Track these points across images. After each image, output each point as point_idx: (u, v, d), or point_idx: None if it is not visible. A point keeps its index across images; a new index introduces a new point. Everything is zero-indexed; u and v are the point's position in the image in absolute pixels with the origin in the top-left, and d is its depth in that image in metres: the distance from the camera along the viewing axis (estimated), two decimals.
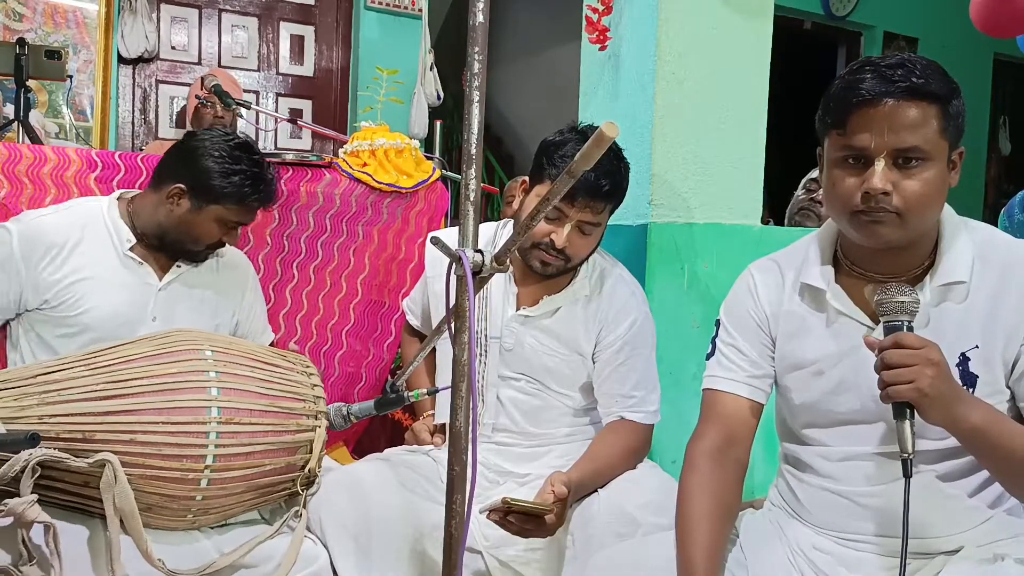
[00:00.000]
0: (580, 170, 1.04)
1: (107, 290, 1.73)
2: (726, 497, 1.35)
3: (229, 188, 1.72)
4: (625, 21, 2.34)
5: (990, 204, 6.52)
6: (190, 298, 1.84)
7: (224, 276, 1.92)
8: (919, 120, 1.19)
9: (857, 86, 1.21)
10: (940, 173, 1.22)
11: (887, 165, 1.20)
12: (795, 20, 5.50)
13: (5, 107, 3.31)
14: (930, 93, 1.19)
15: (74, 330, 1.72)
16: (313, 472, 1.60)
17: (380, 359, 2.37)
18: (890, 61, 1.22)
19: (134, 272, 1.78)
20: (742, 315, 1.44)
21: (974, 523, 1.28)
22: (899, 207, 1.21)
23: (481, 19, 1.17)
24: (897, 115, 1.19)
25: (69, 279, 1.71)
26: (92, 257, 1.74)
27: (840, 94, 1.24)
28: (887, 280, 1.25)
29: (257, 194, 1.77)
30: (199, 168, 1.73)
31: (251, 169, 1.75)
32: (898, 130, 1.19)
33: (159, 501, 1.46)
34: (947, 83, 1.21)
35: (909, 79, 1.19)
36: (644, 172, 2.26)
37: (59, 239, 1.72)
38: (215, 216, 1.75)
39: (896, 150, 1.20)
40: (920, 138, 1.19)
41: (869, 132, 1.21)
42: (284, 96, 5.10)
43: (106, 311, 1.72)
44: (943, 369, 1.15)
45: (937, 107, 1.20)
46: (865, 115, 1.21)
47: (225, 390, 1.51)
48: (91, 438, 1.42)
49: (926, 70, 1.20)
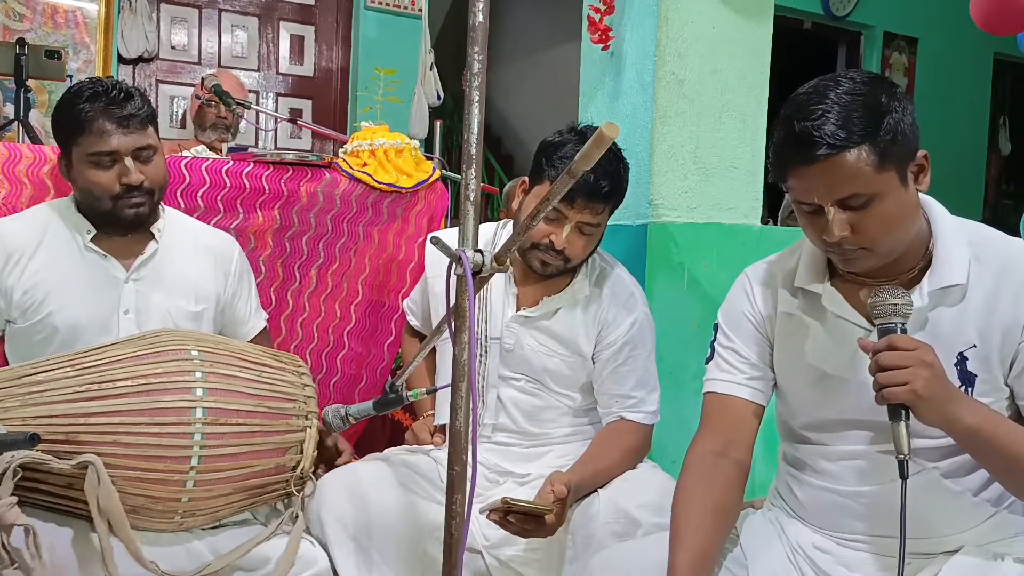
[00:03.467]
0: (580, 171, 1.04)
1: (70, 290, 1.69)
2: (722, 500, 1.34)
3: (70, 122, 1.68)
4: (625, 21, 2.34)
5: (990, 204, 6.53)
6: (164, 285, 1.76)
7: (204, 259, 1.84)
8: (851, 169, 1.16)
9: (786, 147, 1.20)
10: (895, 199, 1.19)
11: (838, 210, 1.19)
12: (795, 20, 5.50)
13: (5, 107, 3.31)
14: (853, 138, 1.15)
15: (44, 334, 1.68)
16: (305, 473, 1.58)
17: (381, 359, 2.37)
18: (813, 108, 1.17)
19: (98, 267, 1.72)
20: (739, 318, 1.44)
21: (977, 521, 1.28)
22: (864, 244, 1.21)
23: (481, 19, 1.16)
24: (828, 171, 1.17)
25: (31, 283, 1.68)
26: (54, 258, 1.70)
27: (776, 151, 1.23)
28: (882, 283, 1.25)
29: (93, 107, 1.66)
30: (55, 126, 1.71)
31: (89, 93, 1.68)
32: (833, 184, 1.18)
33: (144, 503, 1.44)
34: (872, 111, 1.16)
35: (830, 134, 1.15)
36: (644, 172, 2.26)
37: (19, 244, 1.69)
38: (82, 158, 1.67)
39: (839, 200, 1.19)
40: (858, 184, 1.17)
41: (808, 188, 1.20)
42: (284, 96, 5.11)
43: (72, 311, 1.68)
44: (937, 370, 1.16)
45: (866, 146, 1.16)
46: (800, 174, 1.20)
47: (211, 390, 1.50)
48: (74, 439, 1.40)
49: (846, 110, 1.16)
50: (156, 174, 1.73)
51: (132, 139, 1.68)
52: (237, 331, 1.90)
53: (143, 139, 1.70)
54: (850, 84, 1.19)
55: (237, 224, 2.05)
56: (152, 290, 1.75)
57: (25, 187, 1.86)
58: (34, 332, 1.69)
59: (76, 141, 1.67)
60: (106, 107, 1.66)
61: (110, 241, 1.74)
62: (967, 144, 6.04)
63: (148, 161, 1.71)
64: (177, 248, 1.81)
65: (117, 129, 1.66)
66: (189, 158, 2.05)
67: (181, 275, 1.79)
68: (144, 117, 1.71)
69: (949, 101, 5.84)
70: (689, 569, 1.26)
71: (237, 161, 2.08)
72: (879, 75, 1.24)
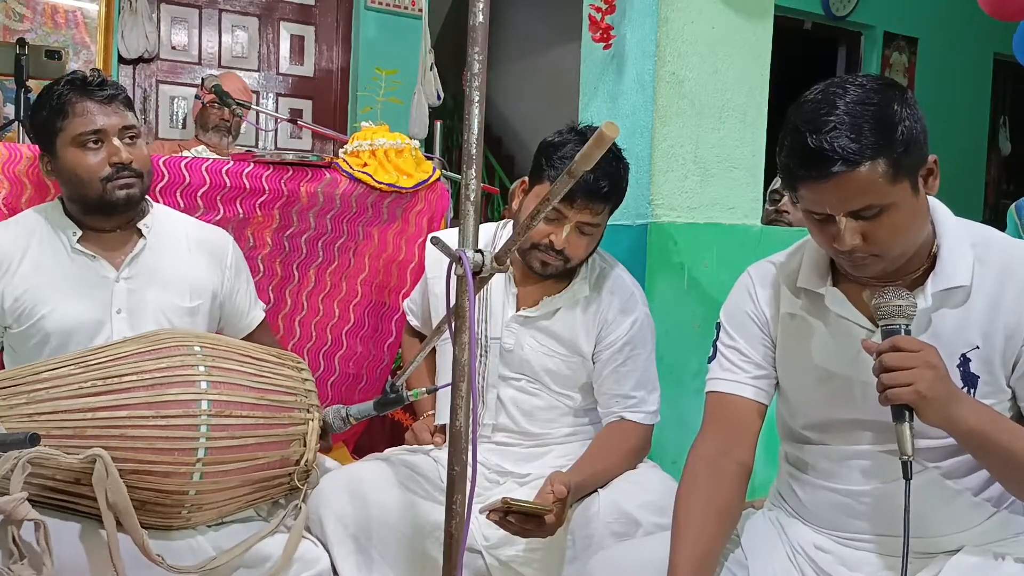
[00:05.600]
0: (580, 171, 1.04)
1: (60, 292, 1.69)
2: (724, 500, 1.34)
3: (50, 111, 1.68)
4: (626, 21, 2.34)
5: (990, 204, 6.52)
6: (156, 282, 1.75)
7: (197, 254, 1.82)
8: (865, 183, 1.15)
9: (798, 161, 1.19)
10: (907, 207, 1.19)
11: (849, 220, 1.19)
12: (795, 20, 5.50)
13: (5, 107, 3.31)
14: (867, 152, 1.14)
15: (38, 338, 1.68)
16: (309, 464, 1.60)
17: (380, 359, 2.37)
18: (825, 120, 1.16)
19: (87, 268, 1.72)
20: (742, 317, 1.44)
21: (978, 520, 1.28)
22: (875, 251, 1.21)
23: (481, 19, 1.17)
24: (842, 186, 1.16)
25: (21, 289, 1.68)
26: (42, 262, 1.70)
27: (786, 163, 1.21)
28: (886, 285, 1.25)
29: (73, 91, 1.67)
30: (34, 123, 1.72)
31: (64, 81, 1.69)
32: (847, 197, 1.17)
33: (152, 497, 1.45)
34: (885, 122, 1.15)
35: (844, 148, 1.14)
36: (644, 172, 2.26)
37: (7, 251, 1.69)
38: (68, 143, 1.67)
39: (852, 211, 1.18)
40: (872, 197, 1.16)
41: (820, 201, 1.19)
42: (284, 96, 5.10)
43: (63, 314, 1.68)
44: (941, 371, 1.16)
45: (881, 159, 1.15)
46: (812, 188, 1.19)
47: (215, 384, 1.51)
48: (81, 434, 1.41)
49: (858, 121, 1.15)
50: (142, 157, 1.74)
51: (117, 119, 1.70)
52: (237, 323, 1.90)
53: (127, 119, 1.71)
54: (859, 92, 1.18)
55: (237, 224, 2.05)
56: (144, 288, 1.74)
57: (25, 187, 1.86)
58: (28, 337, 1.69)
59: (60, 128, 1.68)
60: (85, 88, 1.68)
61: (97, 241, 1.74)
62: (967, 144, 6.03)
63: (133, 143, 1.72)
64: (167, 244, 1.80)
65: (100, 108, 1.68)
66: (189, 158, 2.05)
67: (173, 271, 1.78)
68: (123, 98, 1.73)
69: (949, 101, 5.84)
70: (690, 569, 1.26)
71: (237, 161, 2.08)
72: (888, 80, 1.23)
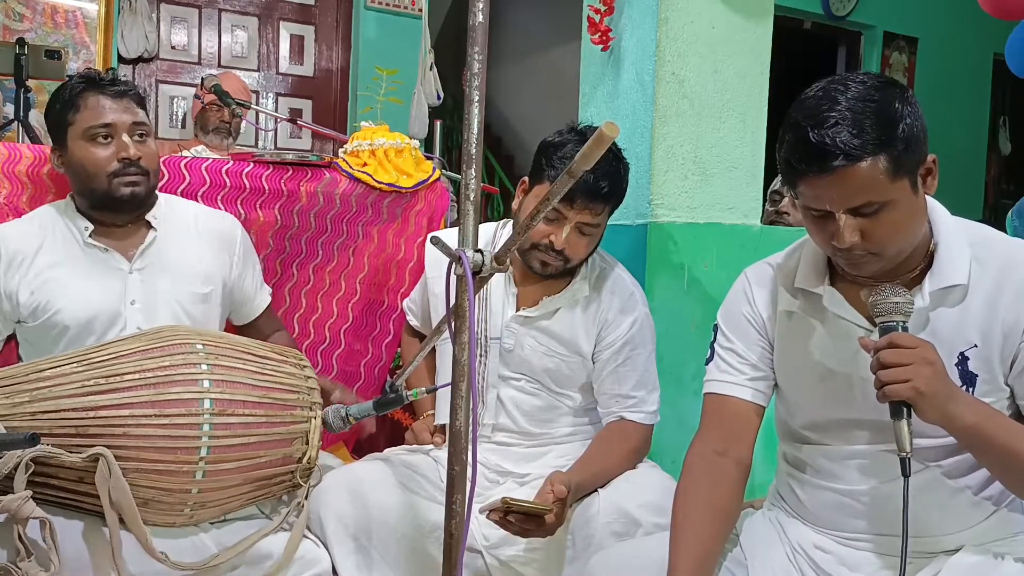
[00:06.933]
0: (580, 171, 1.04)
1: (75, 285, 1.71)
2: (722, 500, 1.35)
3: (63, 104, 1.71)
4: (625, 21, 2.34)
5: (990, 204, 6.52)
6: (168, 272, 1.78)
7: (207, 241, 1.85)
8: (865, 179, 1.15)
9: (798, 155, 1.19)
10: (906, 205, 1.19)
11: (848, 217, 1.19)
12: (795, 20, 5.50)
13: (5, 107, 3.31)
14: (868, 147, 1.14)
15: (55, 332, 1.70)
16: (312, 462, 1.60)
17: (379, 358, 2.37)
18: (826, 115, 1.16)
19: (101, 261, 1.74)
20: (739, 319, 1.44)
21: (977, 519, 1.28)
22: (873, 249, 1.21)
23: (481, 19, 1.17)
24: (842, 181, 1.16)
25: (36, 283, 1.70)
26: (56, 257, 1.72)
27: (786, 158, 1.21)
28: (883, 284, 1.25)
29: (86, 85, 1.71)
30: (49, 116, 1.74)
31: (79, 77, 1.72)
32: (847, 193, 1.17)
33: (155, 495, 1.45)
34: (886, 119, 1.15)
35: (845, 143, 1.14)
36: (644, 172, 2.26)
37: (22, 246, 1.71)
38: (78, 136, 1.70)
39: (852, 208, 1.18)
40: (872, 194, 1.17)
41: (820, 196, 1.19)
42: (284, 96, 5.11)
43: (77, 306, 1.70)
44: (939, 368, 1.16)
45: (882, 155, 1.15)
46: (812, 183, 1.19)
47: (217, 382, 1.51)
48: (84, 433, 1.41)
49: (860, 117, 1.15)
50: (151, 154, 1.76)
51: (128, 115, 1.72)
52: (244, 308, 1.93)
53: (138, 116, 1.74)
54: (861, 88, 1.18)
55: None
56: (157, 278, 1.77)
57: (26, 187, 1.87)
58: (45, 330, 1.71)
59: (71, 121, 1.70)
60: (97, 83, 1.72)
61: (109, 234, 1.77)
62: (967, 144, 6.03)
63: (143, 141, 1.74)
64: (177, 233, 1.82)
65: (111, 102, 1.71)
66: (189, 158, 2.05)
67: (184, 259, 1.81)
68: (135, 96, 1.76)
69: (949, 101, 5.84)
70: (689, 569, 1.26)
71: (237, 161, 2.08)
72: (888, 78, 1.23)
